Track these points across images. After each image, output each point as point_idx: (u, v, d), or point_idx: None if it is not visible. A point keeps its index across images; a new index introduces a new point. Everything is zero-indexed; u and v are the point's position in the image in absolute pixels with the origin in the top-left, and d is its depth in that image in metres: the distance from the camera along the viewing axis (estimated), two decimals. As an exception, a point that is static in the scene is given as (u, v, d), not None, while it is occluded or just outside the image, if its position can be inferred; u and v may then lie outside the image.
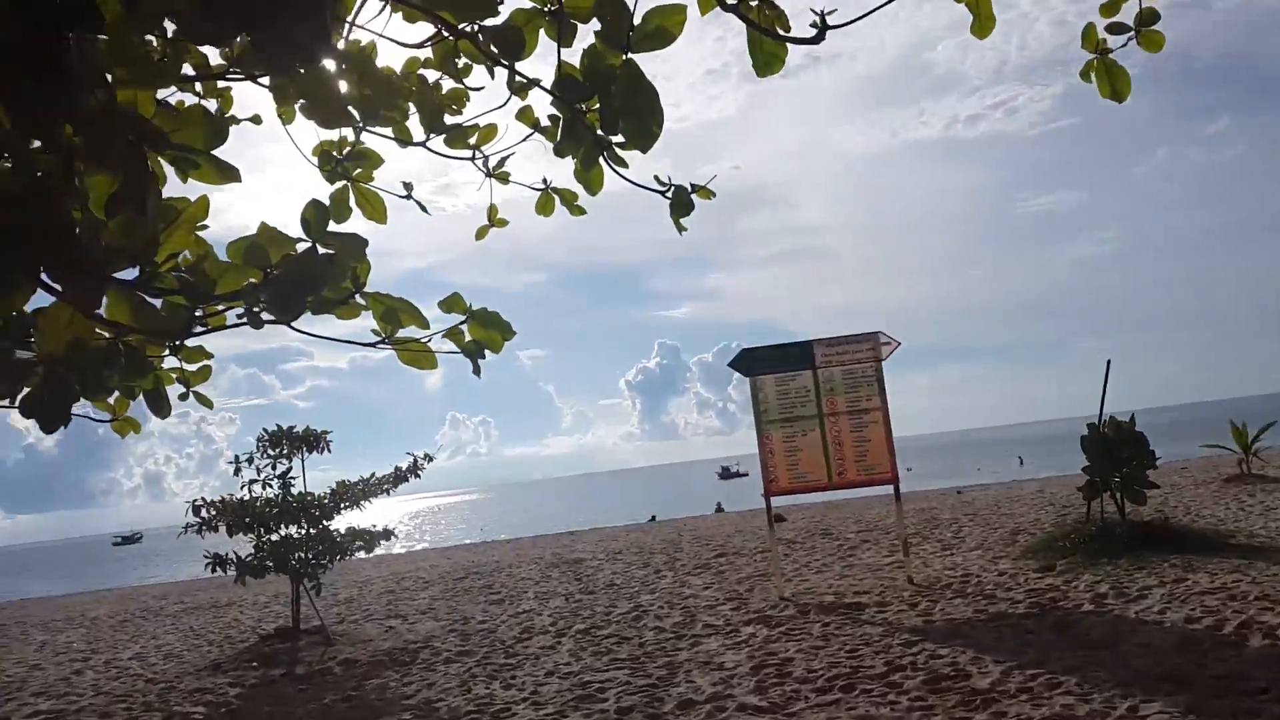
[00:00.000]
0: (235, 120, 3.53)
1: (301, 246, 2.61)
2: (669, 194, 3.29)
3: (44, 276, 2.49)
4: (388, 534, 11.39)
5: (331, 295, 2.92)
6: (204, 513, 10.49)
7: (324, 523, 11.07)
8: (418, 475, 11.62)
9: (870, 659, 7.15)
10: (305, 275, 2.56)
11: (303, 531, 10.96)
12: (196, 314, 3.26)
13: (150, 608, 18.60)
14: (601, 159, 3.18)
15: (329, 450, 11.24)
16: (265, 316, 2.72)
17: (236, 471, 10.77)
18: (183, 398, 3.89)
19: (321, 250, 2.60)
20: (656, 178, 3.30)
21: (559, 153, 3.07)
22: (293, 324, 3.07)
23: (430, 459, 11.77)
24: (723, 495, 51.48)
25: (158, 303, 3.24)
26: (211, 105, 3.47)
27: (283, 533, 10.90)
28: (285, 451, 10.94)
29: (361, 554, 11.22)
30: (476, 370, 3.16)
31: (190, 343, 3.67)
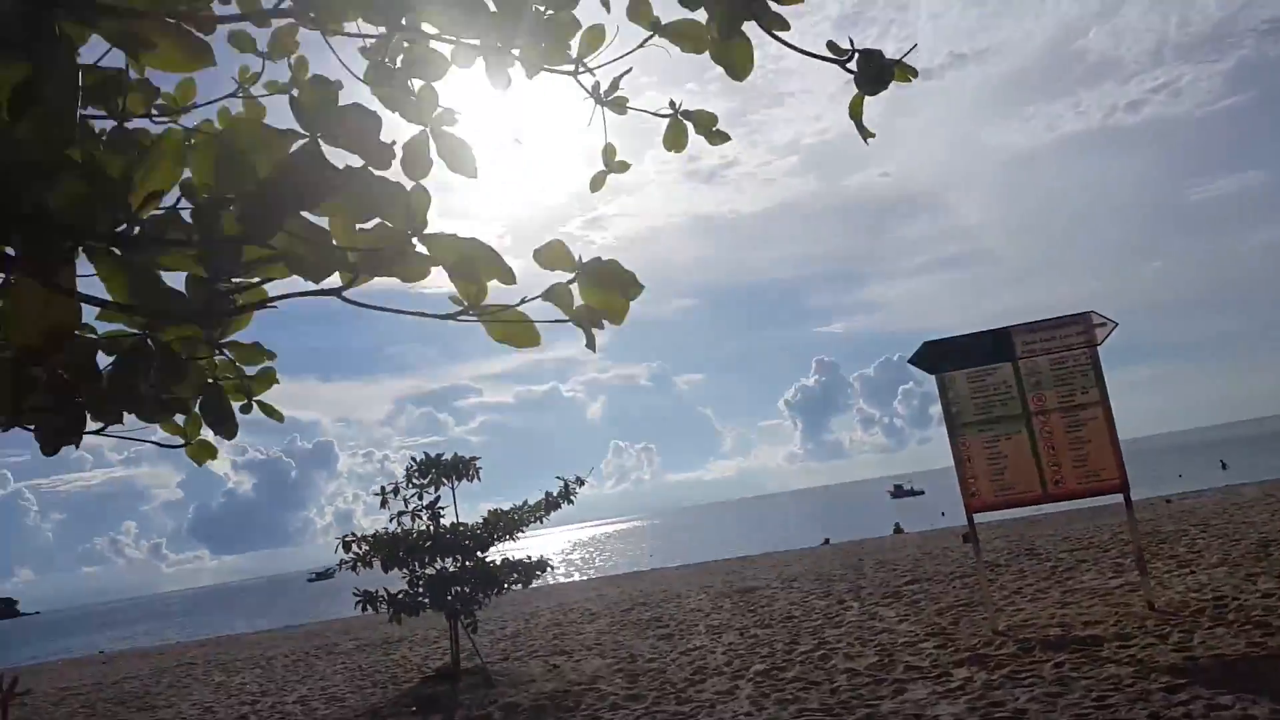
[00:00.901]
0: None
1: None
2: (850, 63, 2.23)
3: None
4: (543, 565, 10.62)
5: (375, 241, 2.04)
6: (355, 548, 10.02)
7: (478, 554, 10.43)
8: (570, 500, 10.84)
9: (1127, 710, 5.73)
10: (299, 183, 1.67)
11: (457, 564, 10.34)
12: (220, 286, 2.47)
13: (327, 645, 18.64)
14: (748, 30, 2.16)
15: (478, 478, 10.63)
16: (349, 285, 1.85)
17: (383, 504, 10.28)
18: (245, 410, 3.10)
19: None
20: (832, 44, 2.26)
21: (686, 3, 2.08)
22: (349, 298, 2.20)
23: (582, 483, 10.98)
24: (899, 515, 48.97)
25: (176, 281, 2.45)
26: None
27: (437, 566, 10.31)
28: (434, 481, 10.38)
29: (518, 587, 10.49)
30: (590, 343, 2.21)
31: (241, 336, 2.88)
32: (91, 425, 2.97)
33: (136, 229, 2.11)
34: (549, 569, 10.72)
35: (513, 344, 2.31)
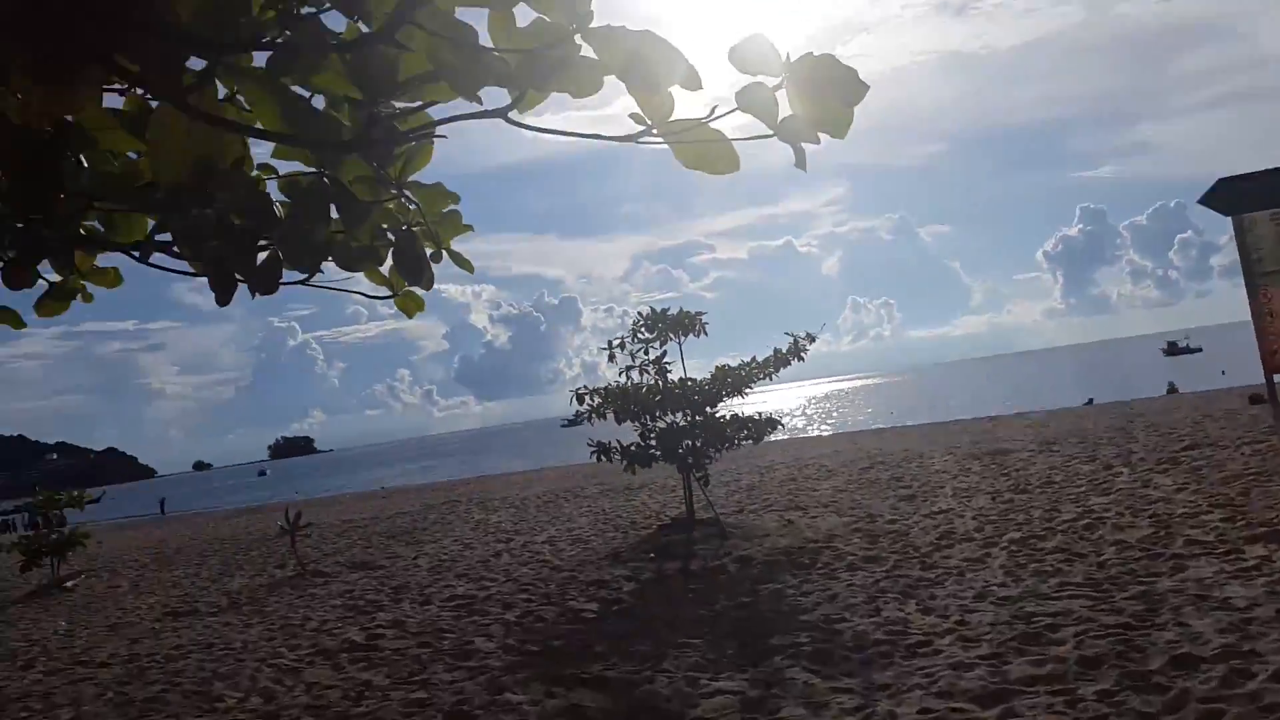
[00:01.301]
0: None
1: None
2: None
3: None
4: (774, 423, 10.34)
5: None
6: (587, 400, 10.16)
7: (707, 410, 10.29)
8: (800, 358, 10.39)
9: None
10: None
11: (687, 419, 10.27)
12: (380, 110, 2.17)
13: (574, 488, 19.63)
14: None
15: (704, 333, 10.37)
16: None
17: (611, 358, 10.29)
18: (435, 258, 2.88)
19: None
20: None
21: None
22: (517, 120, 1.84)
23: (813, 339, 10.47)
24: (1173, 374, 44.75)
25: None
26: None
27: (667, 420, 10.29)
28: (660, 335, 10.24)
29: (749, 443, 10.30)
30: (801, 161, 1.74)
31: (421, 178, 2.62)
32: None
33: (272, 38, 1.84)
34: (780, 426, 10.44)
35: (707, 169, 1.89)
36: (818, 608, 6.79)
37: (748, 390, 10.60)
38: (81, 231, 2.61)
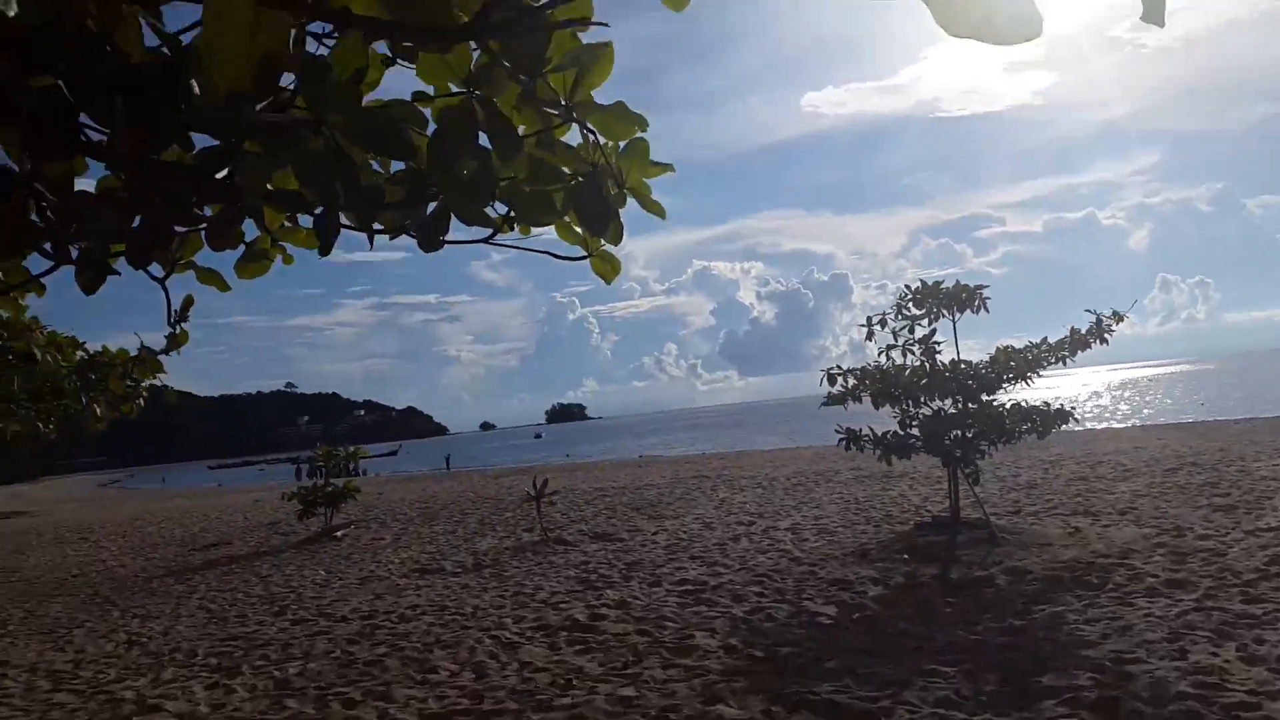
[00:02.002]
0: None
1: None
2: None
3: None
4: (1065, 415, 8.83)
5: None
6: (840, 382, 9.17)
7: (983, 397, 8.99)
8: (1104, 340, 8.82)
9: None
10: None
11: (957, 406, 9.03)
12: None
13: (827, 471, 18.60)
14: None
15: (985, 309, 9.04)
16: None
17: (869, 336, 9.20)
18: (619, 202, 2.23)
19: None
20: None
21: None
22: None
23: (1120, 318, 8.85)
24: None
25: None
26: None
27: (934, 407, 9.10)
28: (930, 312, 9.04)
29: (1031, 437, 8.89)
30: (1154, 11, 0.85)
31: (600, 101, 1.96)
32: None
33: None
34: (1072, 419, 8.91)
35: (990, 37, 1.03)
36: (1105, 641, 5.55)
37: (1034, 376, 9.17)
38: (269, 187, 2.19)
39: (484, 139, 2.03)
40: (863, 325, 9.25)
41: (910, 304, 9.16)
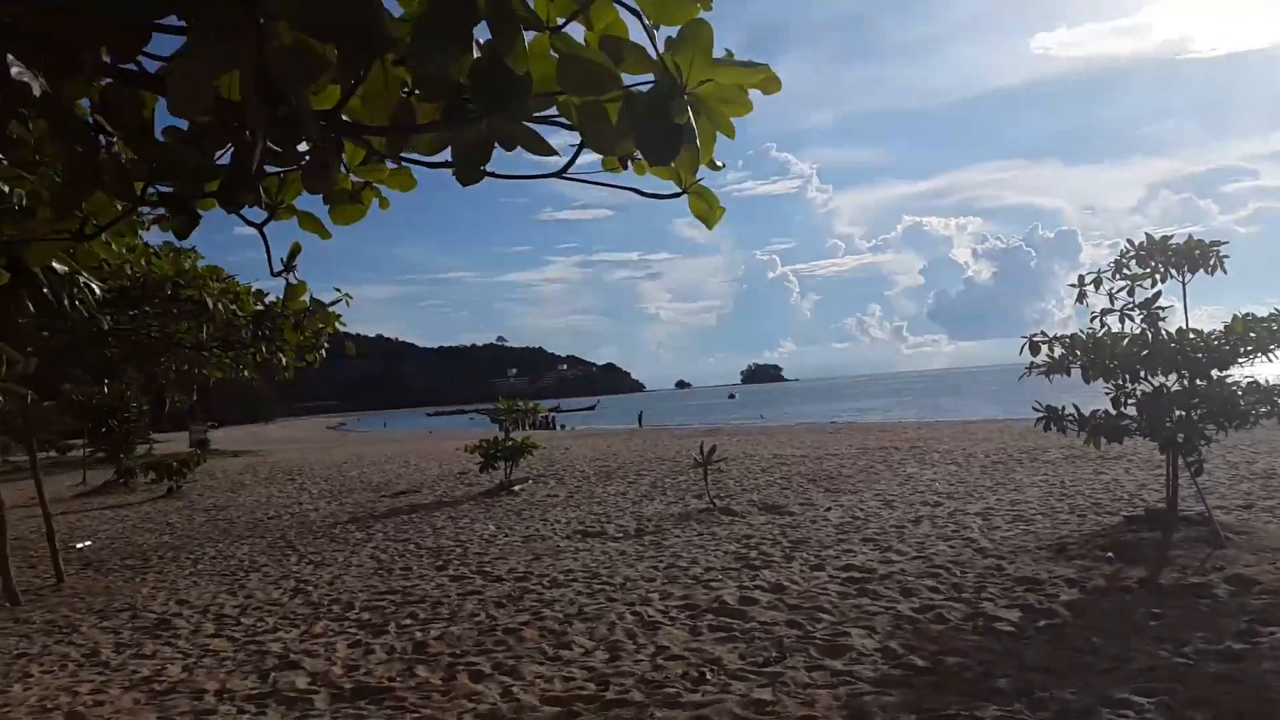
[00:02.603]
0: None
1: None
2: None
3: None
4: (1317, 398, 7.40)
5: None
6: (1046, 351, 8.10)
7: (1214, 373, 7.70)
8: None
9: None
10: None
11: (1181, 382, 7.79)
12: None
13: (1034, 448, 17.08)
14: None
15: (1222, 269, 7.72)
16: None
17: (1080, 298, 8.05)
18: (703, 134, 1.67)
19: None
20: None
21: None
22: None
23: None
24: None
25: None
26: None
27: (1154, 383, 7.89)
28: (1154, 272, 7.80)
29: (1269, 422, 7.52)
30: None
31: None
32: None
33: None
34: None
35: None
36: (1361, 684, 4.49)
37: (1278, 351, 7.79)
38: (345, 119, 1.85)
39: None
40: (1073, 285, 8.11)
41: (1132, 262, 7.96)
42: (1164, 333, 7.88)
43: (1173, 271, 8.07)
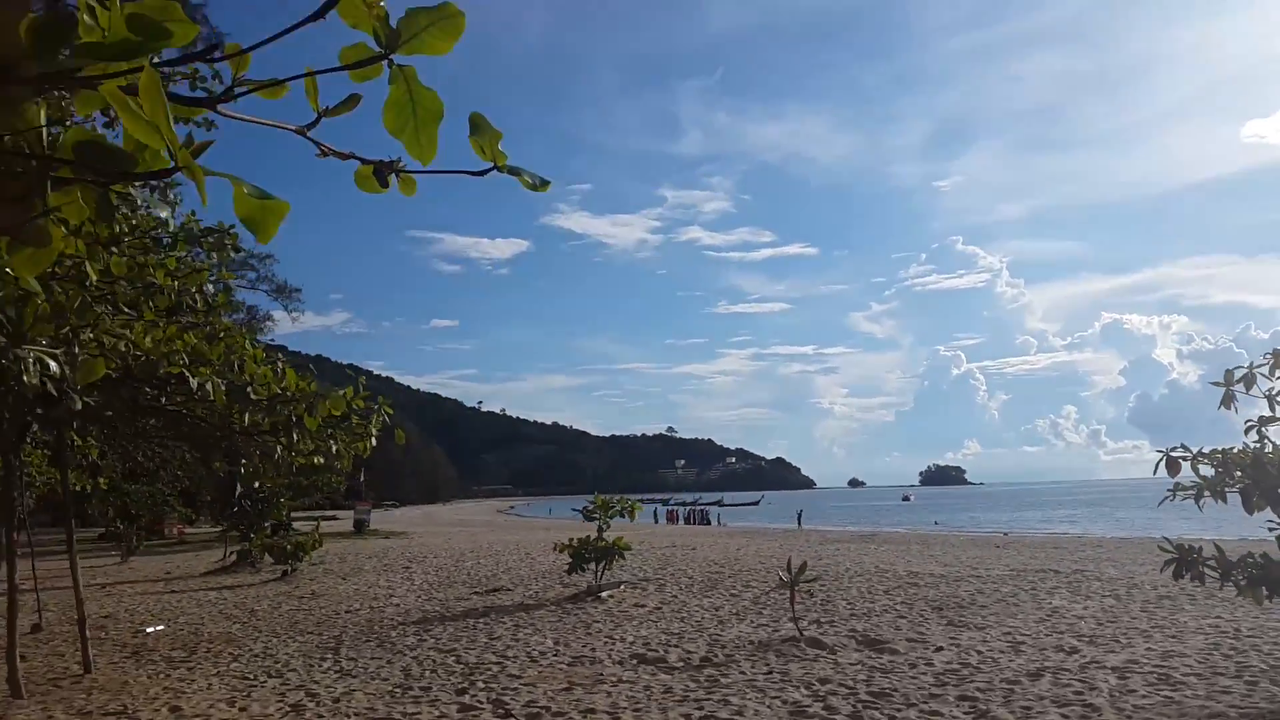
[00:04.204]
0: None
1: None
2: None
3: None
4: None
5: None
6: (1191, 470, 6.28)
7: None
8: None
9: None
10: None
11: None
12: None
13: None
14: None
15: None
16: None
17: (1228, 401, 6.17)
18: None
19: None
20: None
21: None
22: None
23: None
24: None
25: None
26: None
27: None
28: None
29: None
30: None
31: None
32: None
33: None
34: None
35: None
36: None
37: None
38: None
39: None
40: (1217, 384, 6.25)
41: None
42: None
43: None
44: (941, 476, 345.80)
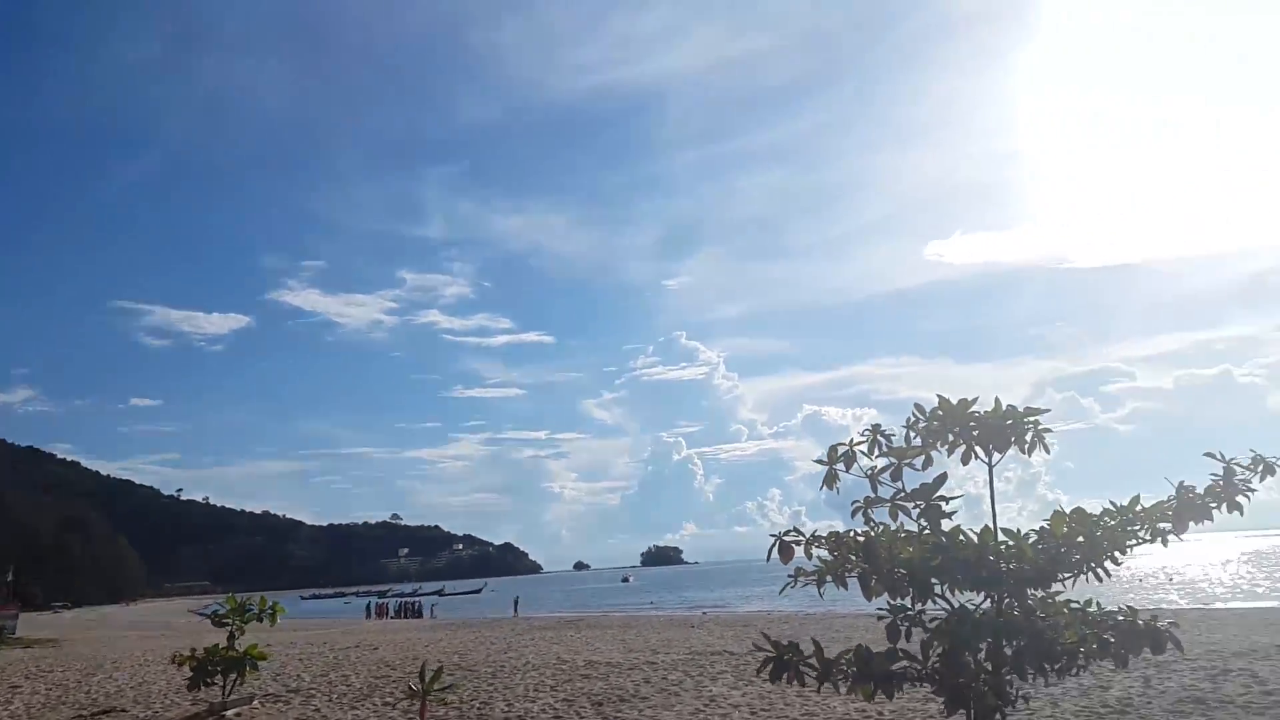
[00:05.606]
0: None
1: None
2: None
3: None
4: (1160, 637, 5.28)
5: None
6: (802, 552, 5.87)
7: (1032, 591, 5.56)
8: (1235, 505, 5.36)
9: None
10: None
11: (994, 603, 5.62)
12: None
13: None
14: None
15: (1044, 449, 5.70)
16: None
17: (829, 482, 5.85)
18: None
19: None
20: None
21: None
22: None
23: (1272, 470, 5.40)
24: None
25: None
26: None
27: (954, 602, 5.70)
28: (940, 442, 5.74)
29: (1105, 665, 5.34)
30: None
31: None
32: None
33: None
34: (1174, 643, 5.35)
35: None
36: None
37: (1120, 556, 5.72)
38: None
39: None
40: (820, 461, 5.92)
41: (918, 433, 5.91)
42: (967, 534, 5.77)
43: (978, 450, 6.05)
44: (661, 557, 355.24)
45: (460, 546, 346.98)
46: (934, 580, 5.76)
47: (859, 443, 5.79)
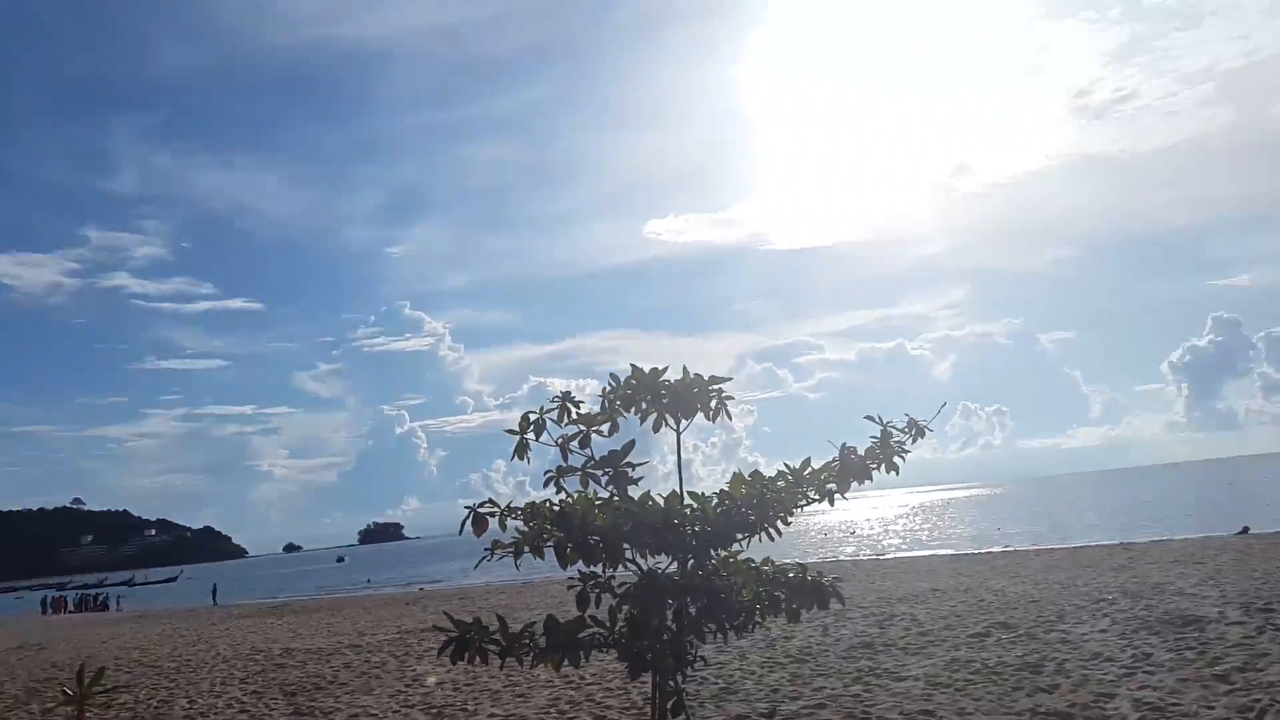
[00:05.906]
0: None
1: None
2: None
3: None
4: (825, 593, 5.71)
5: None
6: (497, 523, 5.77)
7: (714, 551, 5.79)
8: (892, 465, 5.87)
9: None
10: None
11: (677, 566, 5.79)
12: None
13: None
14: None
15: (726, 414, 5.92)
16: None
17: (519, 452, 5.82)
18: None
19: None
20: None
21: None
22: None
23: (922, 432, 5.95)
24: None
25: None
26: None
27: (646, 563, 5.83)
28: (628, 410, 5.85)
29: (780, 619, 5.69)
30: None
31: None
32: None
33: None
34: (837, 598, 5.80)
35: None
36: None
37: (790, 516, 6.08)
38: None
39: None
40: (512, 431, 5.84)
41: (610, 399, 5.96)
42: (653, 498, 5.90)
43: (668, 417, 6.20)
44: (380, 534, 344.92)
45: (153, 532, 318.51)
46: (625, 546, 5.86)
47: (549, 410, 5.76)
